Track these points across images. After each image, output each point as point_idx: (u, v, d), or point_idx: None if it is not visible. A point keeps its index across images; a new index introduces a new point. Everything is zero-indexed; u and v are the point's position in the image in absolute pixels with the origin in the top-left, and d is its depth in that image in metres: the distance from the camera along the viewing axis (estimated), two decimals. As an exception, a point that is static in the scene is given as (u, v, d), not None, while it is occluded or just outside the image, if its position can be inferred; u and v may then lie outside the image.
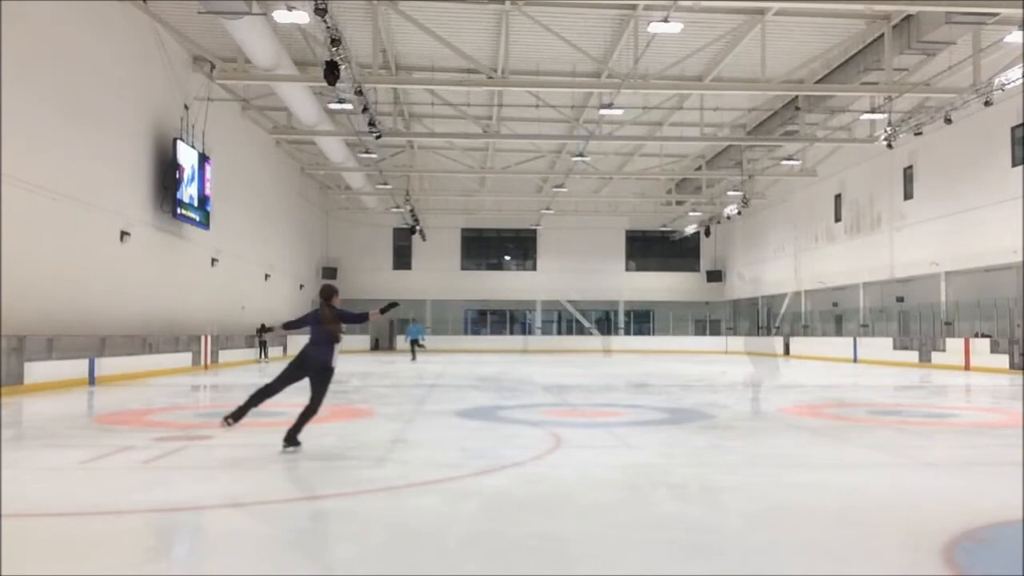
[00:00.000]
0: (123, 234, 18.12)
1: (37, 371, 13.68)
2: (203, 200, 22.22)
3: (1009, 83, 17.72)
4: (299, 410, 7.21)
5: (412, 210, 36.01)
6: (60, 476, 6.25)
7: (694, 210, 40.84)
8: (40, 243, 14.95)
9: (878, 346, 27.86)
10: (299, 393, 7.32)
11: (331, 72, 15.68)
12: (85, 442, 8.12)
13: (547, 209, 39.45)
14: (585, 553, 4.20)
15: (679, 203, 40.83)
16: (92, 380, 15.36)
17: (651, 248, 45.94)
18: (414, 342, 30.29)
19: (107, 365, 16.05)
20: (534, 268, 45.60)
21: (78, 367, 15.08)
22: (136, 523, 4.82)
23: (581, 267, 44.41)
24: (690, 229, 42.35)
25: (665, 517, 5.01)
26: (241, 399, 7.43)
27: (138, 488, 5.72)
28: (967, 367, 22.57)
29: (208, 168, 22.37)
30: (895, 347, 26.82)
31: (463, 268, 45.00)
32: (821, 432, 9.12)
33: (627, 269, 45.70)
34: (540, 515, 4.96)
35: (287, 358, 29.00)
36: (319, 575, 3.82)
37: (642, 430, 8.61)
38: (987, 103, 18.78)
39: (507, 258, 46.32)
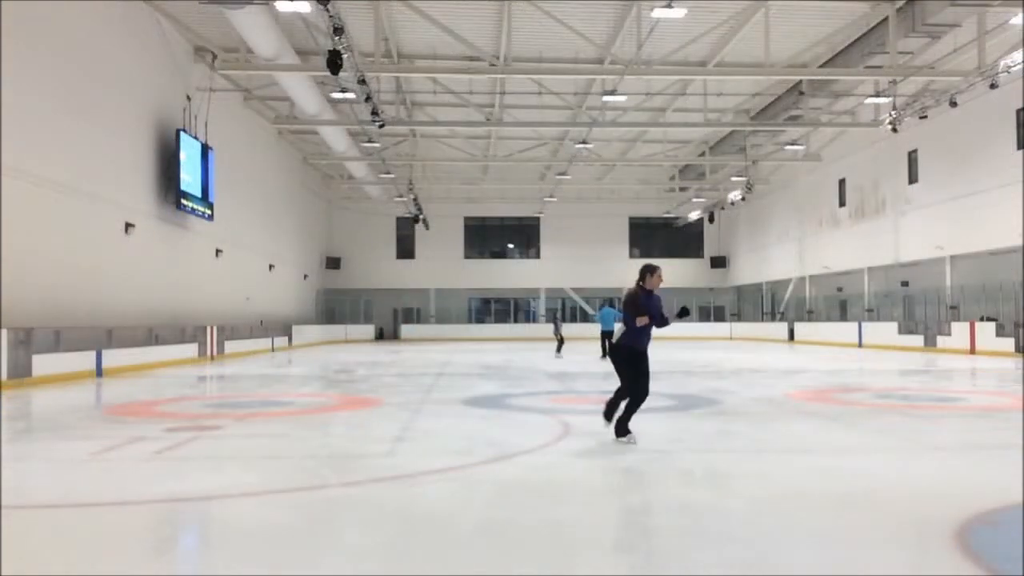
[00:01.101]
0: (128, 226, 18.15)
1: (45, 363, 13.73)
2: (206, 191, 22.22)
3: (1015, 65, 17.57)
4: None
5: (415, 199, 35.97)
6: (72, 467, 6.28)
7: (698, 196, 40.70)
8: (45, 236, 14.98)
9: (883, 331, 27.81)
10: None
11: (334, 62, 15.64)
12: (95, 433, 8.16)
13: (550, 197, 39.35)
14: (595, 539, 4.23)
15: (683, 189, 40.69)
16: (100, 372, 15.42)
17: (655, 235, 45.80)
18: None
19: (114, 357, 16.10)
20: (537, 256, 45.53)
21: (85, 359, 15.13)
22: (150, 512, 4.86)
23: (584, 255, 44.33)
24: (694, 215, 42.23)
25: (674, 503, 5.03)
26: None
27: (150, 478, 5.75)
28: (972, 351, 22.55)
29: (211, 159, 22.35)
30: (900, 331, 26.78)
31: (466, 257, 44.96)
32: (828, 417, 9.14)
33: (631, 256, 45.61)
34: (550, 502, 4.98)
35: (292, 348, 28.94)
36: (329, 566, 3.84)
37: (650, 416, 8.62)
38: (993, 86, 18.65)
39: (511, 246, 46.22)
